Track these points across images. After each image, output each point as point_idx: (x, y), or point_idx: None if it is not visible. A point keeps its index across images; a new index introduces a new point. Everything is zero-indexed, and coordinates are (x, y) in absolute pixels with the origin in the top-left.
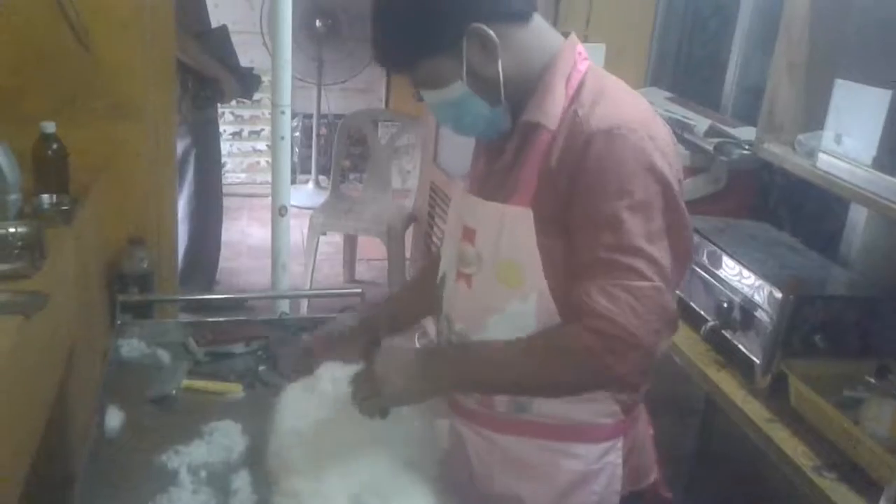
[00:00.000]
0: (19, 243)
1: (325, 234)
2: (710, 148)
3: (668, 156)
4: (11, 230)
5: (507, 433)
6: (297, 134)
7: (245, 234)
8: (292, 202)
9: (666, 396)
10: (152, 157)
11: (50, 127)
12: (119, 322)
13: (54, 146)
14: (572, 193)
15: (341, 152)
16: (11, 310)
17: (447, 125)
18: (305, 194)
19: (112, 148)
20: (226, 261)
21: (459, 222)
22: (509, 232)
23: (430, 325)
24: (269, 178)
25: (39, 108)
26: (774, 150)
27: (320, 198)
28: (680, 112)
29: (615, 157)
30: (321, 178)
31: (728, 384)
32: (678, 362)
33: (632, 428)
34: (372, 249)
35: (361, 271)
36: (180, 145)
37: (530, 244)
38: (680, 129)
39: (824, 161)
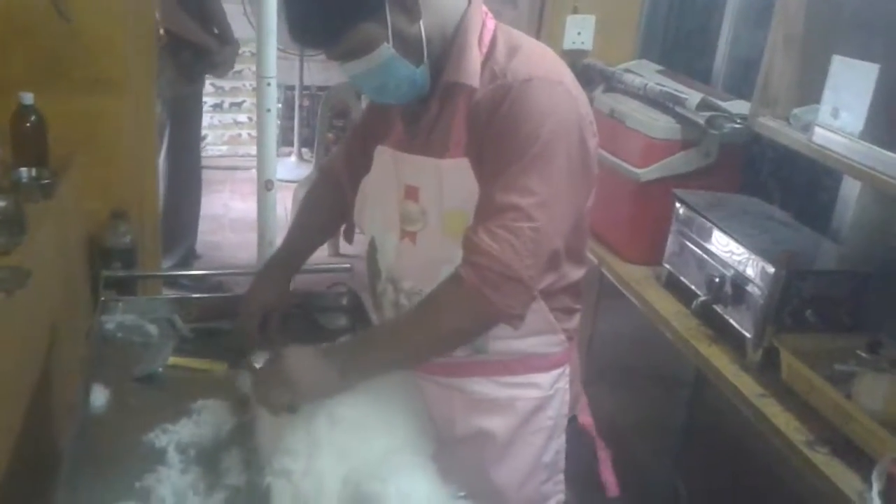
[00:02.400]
0: None
1: None
2: (702, 122)
3: (578, 104)
4: None
5: (465, 376)
6: (279, 106)
7: (227, 207)
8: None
9: (654, 370)
10: (133, 130)
11: (28, 98)
12: (102, 298)
13: (33, 118)
14: (486, 140)
15: (325, 125)
16: None
17: (370, 94)
18: (288, 167)
19: (92, 121)
20: (208, 234)
21: (396, 183)
22: (450, 184)
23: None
24: (251, 150)
25: (17, 78)
26: (769, 124)
27: (303, 171)
28: (671, 85)
29: (528, 105)
30: (304, 150)
31: (719, 359)
32: (668, 336)
33: (573, 354)
34: None
35: (346, 245)
36: None
37: (472, 189)
38: (671, 103)
39: (820, 135)
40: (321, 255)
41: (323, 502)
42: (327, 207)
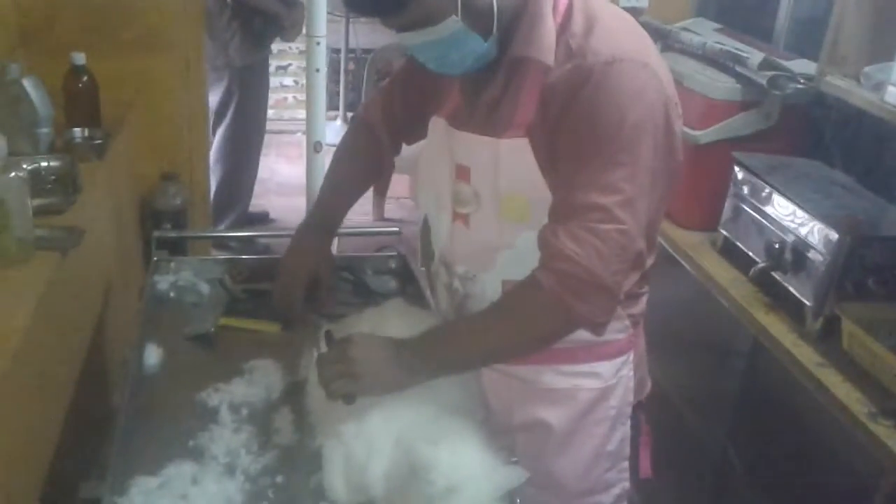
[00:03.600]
0: (52, 178)
1: None
2: (764, 82)
3: (665, 87)
4: (44, 164)
5: (525, 364)
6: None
7: (273, 171)
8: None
9: (707, 338)
10: (183, 90)
11: (80, 58)
12: (155, 258)
13: (85, 78)
14: (561, 128)
15: (371, 87)
16: (48, 245)
17: (428, 64)
18: (334, 130)
19: (141, 81)
20: (255, 198)
21: (449, 161)
22: (507, 166)
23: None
24: (296, 114)
25: (67, 40)
26: (838, 84)
27: None
28: (730, 44)
29: (611, 91)
30: (349, 114)
31: (777, 327)
32: (723, 304)
33: (639, 340)
34: (401, 187)
35: (391, 209)
36: (221, 89)
37: (533, 176)
38: (731, 62)
39: (893, 94)
40: (365, 219)
41: (374, 464)
42: (363, 160)
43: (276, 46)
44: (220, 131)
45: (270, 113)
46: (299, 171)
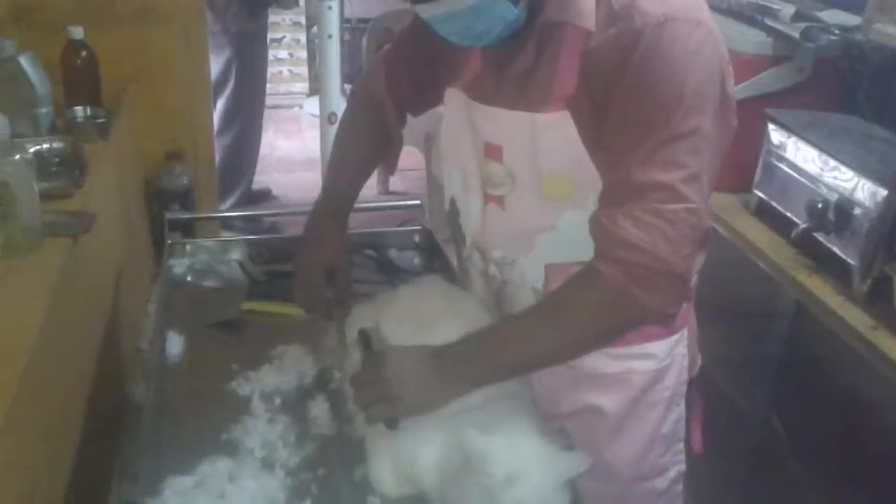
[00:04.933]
0: (56, 160)
1: None
2: (797, 34)
3: (720, 45)
4: (46, 146)
5: None
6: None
7: (273, 146)
8: (317, 112)
9: (745, 304)
10: (184, 64)
11: (78, 32)
12: (169, 241)
13: (84, 53)
14: (610, 100)
15: (372, 56)
16: (58, 231)
17: (452, 38)
18: None
19: (142, 56)
20: (256, 175)
21: (474, 138)
22: (547, 143)
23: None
24: (292, 87)
25: (62, 14)
26: (888, 31)
27: None
28: None
29: (666, 56)
30: (346, 87)
31: (821, 290)
32: (762, 267)
33: (691, 314)
34: (406, 159)
35: (395, 182)
36: (221, 57)
37: (574, 147)
38: (760, 15)
39: None
40: (370, 192)
41: (423, 454)
42: (369, 137)
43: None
44: (221, 103)
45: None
46: (298, 145)
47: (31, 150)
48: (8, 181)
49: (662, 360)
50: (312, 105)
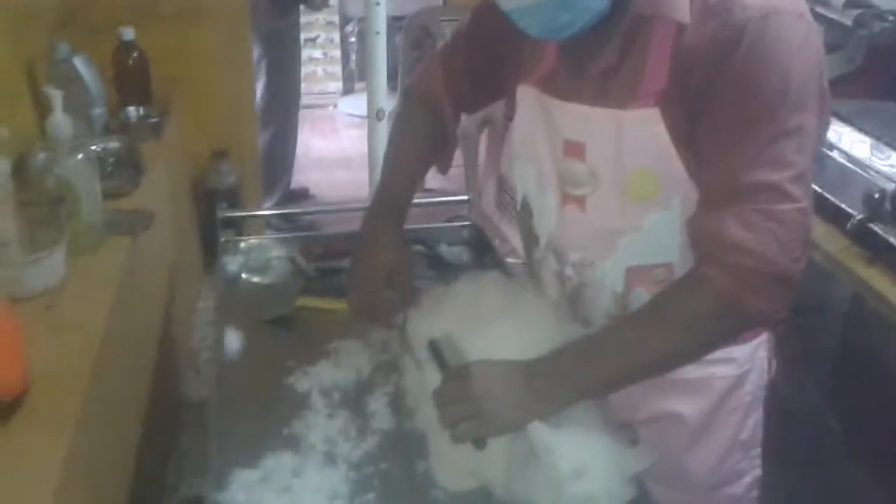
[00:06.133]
0: (111, 160)
1: None
2: (849, 21)
3: (819, 37)
4: (102, 146)
5: None
6: (353, 40)
7: (308, 146)
8: (352, 111)
9: (801, 295)
10: (229, 64)
11: (129, 33)
12: (223, 239)
13: (135, 54)
14: (710, 97)
15: (408, 55)
16: (119, 230)
17: (532, 30)
18: (362, 103)
19: (186, 56)
20: (294, 174)
21: (552, 136)
22: (634, 141)
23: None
24: (327, 87)
25: (108, 17)
26: None
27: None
28: None
29: (771, 51)
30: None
31: (879, 281)
32: (816, 259)
33: None
34: None
35: (430, 178)
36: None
37: (662, 146)
38: (811, 2)
39: None
40: None
41: (488, 448)
42: (425, 136)
43: (302, 18)
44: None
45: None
46: (335, 145)
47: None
48: (72, 180)
49: (743, 364)
50: (347, 104)
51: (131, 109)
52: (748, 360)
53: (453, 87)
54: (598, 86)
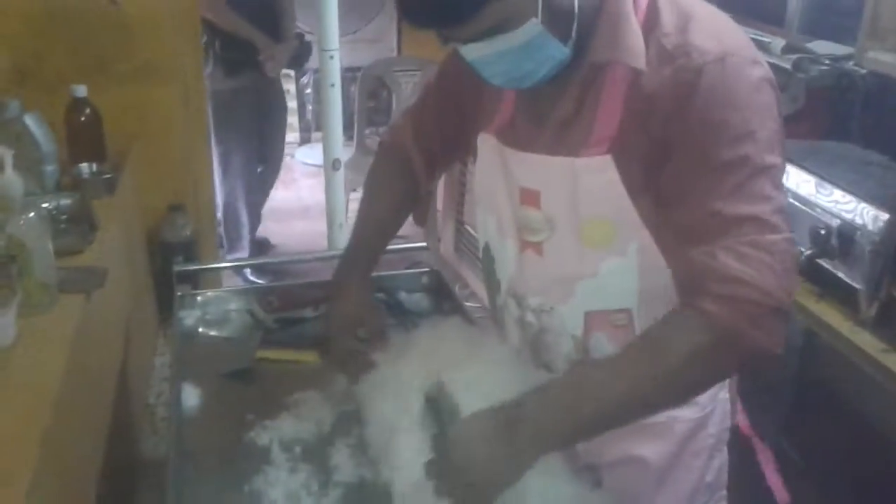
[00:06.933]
0: (64, 217)
1: (355, 190)
2: (789, 66)
3: (774, 82)
4: (55, 203)
5: None
6: (308, 91)
7: (269, 197)
8: (309, 160)
9: None
10: (184, 119)
11: (81, 90)
12: (179, 293)
13: (87, 111)
14: (674, 139)
15: (363, 105)
16: (72, 287)
17: (496, 79)
18: (319, 153)
19: (143, 112)
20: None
21: (508, 184)
22: (587, 187)
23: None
24: (287, 137)
25: (63, 73)
26: (881, 59)
27: (344, 154)
28: (748, 31)
29: (731, 91)
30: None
31: (830, 316)
32: None
33: None
34: None
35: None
36: None
37: (616, 193)
38: None
39: None
40: None
41: None
42: (397, 191)
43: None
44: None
45: None
46: (294, 195)
47: (45, 207)
48: (23, 239)
49: (705, 406)
50: (304, 153)
51: (84, 166)
52: (710, 402)
53: (423, 140)
54: (554, 134)
